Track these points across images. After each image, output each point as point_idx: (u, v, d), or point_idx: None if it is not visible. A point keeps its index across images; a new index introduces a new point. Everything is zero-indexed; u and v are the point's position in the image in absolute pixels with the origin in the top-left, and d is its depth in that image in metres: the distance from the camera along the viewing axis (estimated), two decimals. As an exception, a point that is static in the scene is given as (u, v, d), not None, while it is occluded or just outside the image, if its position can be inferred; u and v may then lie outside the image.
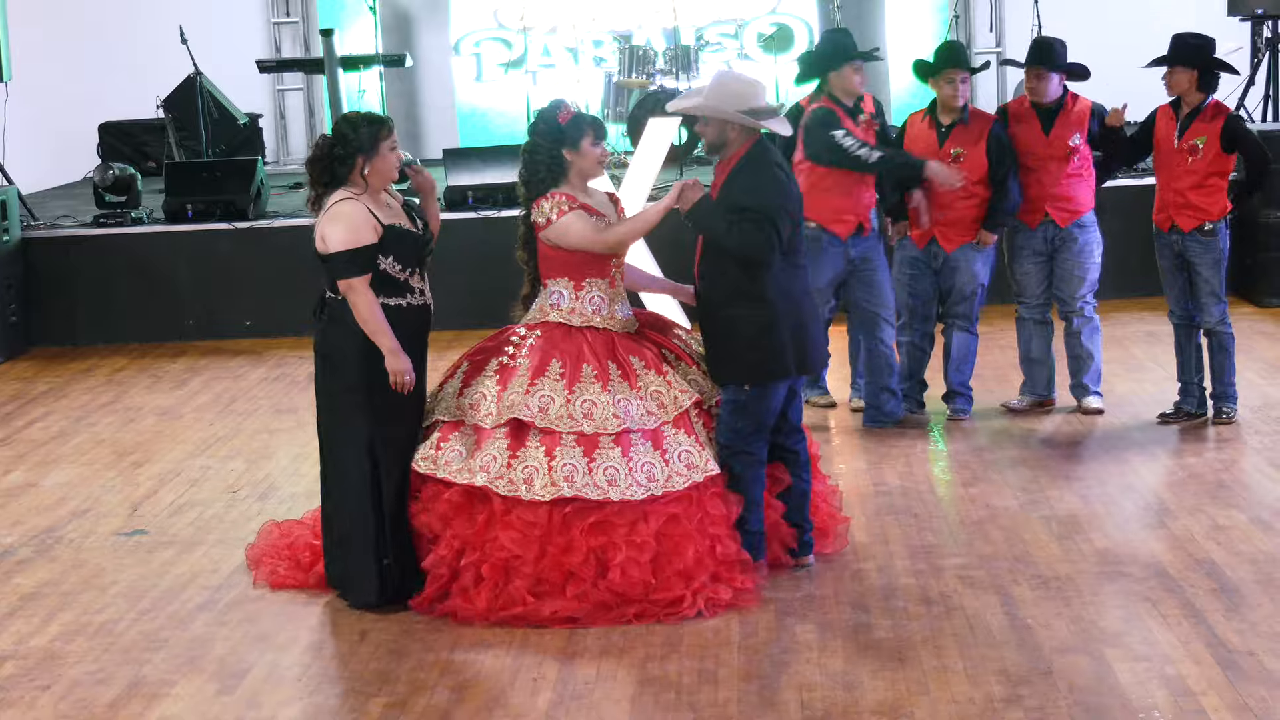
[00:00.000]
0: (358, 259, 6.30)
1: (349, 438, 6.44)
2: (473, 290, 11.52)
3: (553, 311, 6.53)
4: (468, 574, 6.31)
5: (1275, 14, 12.68)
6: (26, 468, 8.96)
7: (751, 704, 5.51)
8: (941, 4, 15.98)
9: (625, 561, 6.22)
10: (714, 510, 6.40)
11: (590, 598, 6.22)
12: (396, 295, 6.42)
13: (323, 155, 6.40)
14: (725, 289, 6.51)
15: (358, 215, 6.33)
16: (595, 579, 6.22)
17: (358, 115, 6.51)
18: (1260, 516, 7.14)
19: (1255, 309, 11.46)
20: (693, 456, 6.37)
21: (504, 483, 6.27)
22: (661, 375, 6.47)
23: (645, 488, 6.26)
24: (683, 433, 6.41)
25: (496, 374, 6.46)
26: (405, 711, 5.60)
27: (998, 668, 5.69)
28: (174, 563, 7.24)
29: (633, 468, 6.28)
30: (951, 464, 8.20)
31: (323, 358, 6.52)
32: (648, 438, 6.35)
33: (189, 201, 12.43)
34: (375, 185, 6.43)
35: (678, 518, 6.30)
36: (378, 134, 6.39)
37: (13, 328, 11.97)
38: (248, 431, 9.48)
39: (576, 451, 6.27)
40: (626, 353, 6.49)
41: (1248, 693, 5.39)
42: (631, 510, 6.26)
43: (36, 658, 6.20)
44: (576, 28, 15.36)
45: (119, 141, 15.79)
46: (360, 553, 6.45)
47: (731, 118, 6.49)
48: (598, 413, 6.32)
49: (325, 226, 6.35)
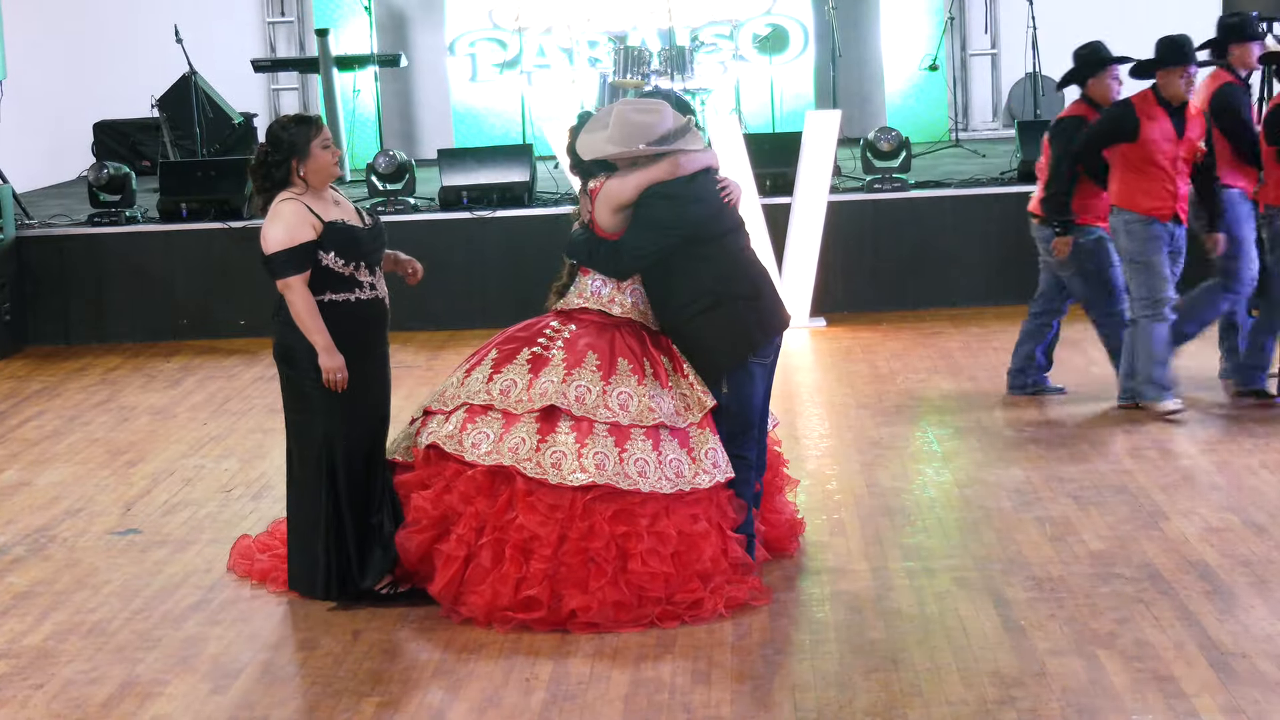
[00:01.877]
0: (294, 258, 6.37)
1: (305, 433, 6.53)
2: (470, 290, 11.54)
3: (592, 299, 6.53)
4: (486, 552, 6.25)
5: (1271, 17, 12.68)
6: (20, 467, 8.95)
7: (745, 705, 5.51)
8: (936, 5, 15.99)
9: (647, 551, 6.19)
10: (729, 513, 6.42)
11: (610, 594, 6.16)
12: (344, 290, 6.46)
13: (260, 162, 6.51)
14: (658, 303, 6.54)
15: (295, 214, 6.41)
16: (616, 570, 6.19)
17: (287, 118, 6.58)
18: (1254, 519, 7.15)
19: (1249, 311, 11.46)
20: (717, 456, 6.39)
21: (531, 465, 6.24)
22: (686, 377, 6.49)
23: (673, 483, 6.27)
24: (708, 432, 6.42)
25: (529, 363, 6.43)
26: (398, 711, 5.60)
27: (991, 669, 5.69)
28: (167, 562, 7.23)
29: (662, 462, 6.29)
30: (945, 465, 8.20)
31: (280, 358, 6.60)
32: (676, 436, 6.36)
33: (183, 201, 12.43)
34: (315, 184, 6.49)
35: (698, 516, 6.31)
36: (308, 134, 6.45)
37: (6, 326, 11.97)
38: (241, 431, 9.48)
39: (609, 441, 6.26)
40: (658, 351, 6.52)
41: (1241, 695, 5.39)
42: (655, 503, 6.25)
43: (29, 657, 6.20)
44: (571, 28, 15.35)
45: (114, 140, 15.79)
46: (309, 545, 6.52)
47: (640, 153, 6.44)
48: (633, 405, 6.32)
49: (265, 227, 6.45)
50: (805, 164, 11.66)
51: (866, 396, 9.60)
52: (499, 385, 6.42)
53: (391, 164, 12.66)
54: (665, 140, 6.45)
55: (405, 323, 11.40)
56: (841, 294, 12.07)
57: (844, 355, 10.76)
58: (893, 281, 12.11)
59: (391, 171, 12.64)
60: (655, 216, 6.41)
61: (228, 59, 15.58)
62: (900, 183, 12.21)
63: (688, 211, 6.44)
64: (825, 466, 8.22)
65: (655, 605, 6.21)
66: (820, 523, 7.32)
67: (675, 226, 6.41)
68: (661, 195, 6.42)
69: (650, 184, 6.42)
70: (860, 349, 10.91)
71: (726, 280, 6.47)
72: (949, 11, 15.78)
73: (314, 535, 6.52)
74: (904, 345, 10.94)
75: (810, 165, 11.65)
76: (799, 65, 15.91)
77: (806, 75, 15.92)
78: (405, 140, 16.04)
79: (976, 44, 16.32)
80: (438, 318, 11.65)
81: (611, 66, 14.36)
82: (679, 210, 6.42)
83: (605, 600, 6.17)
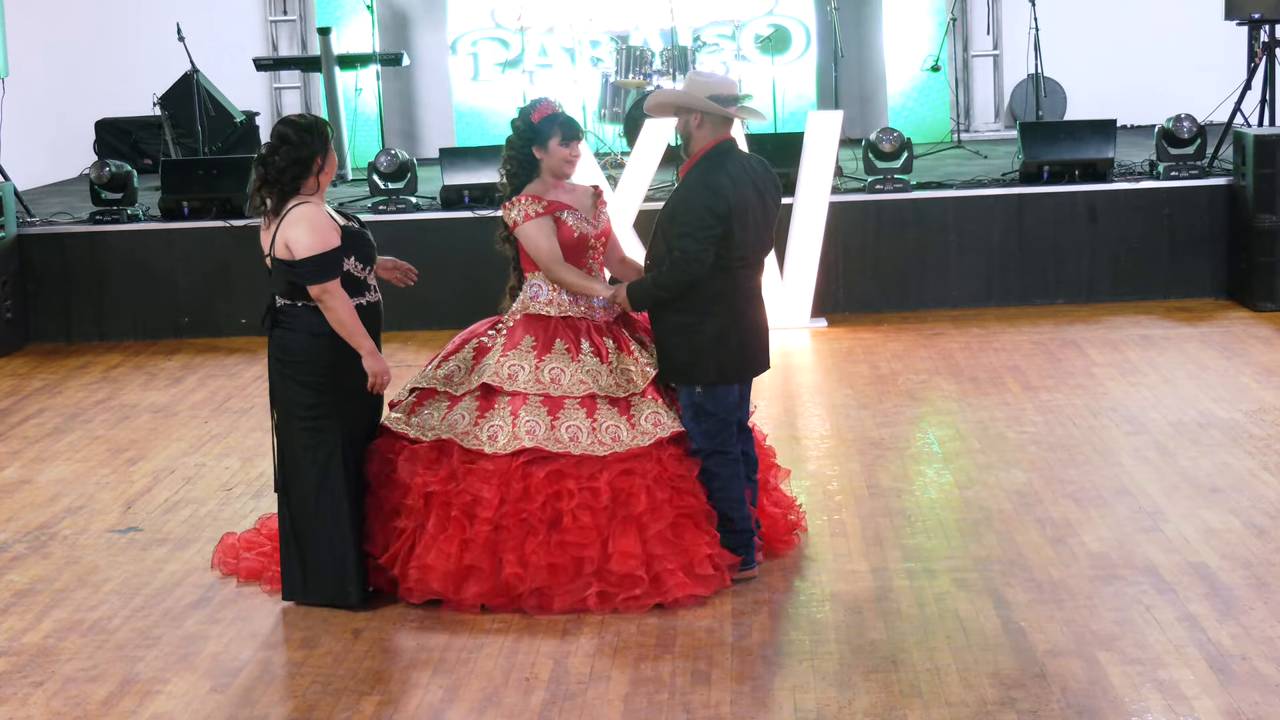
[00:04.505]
0: (327, 263, 6.30)
1: (320, 442, 6.43)
2: (468, 289, 11.52)
3: (532, 304, 6.70)
4: (432, 519, 6.42)
5: (1273, 18, 12.67)
6: (21, 464, 8.95)
7: (745, 705, 5.52)
8: (939, 6, 15.99)
9: (578, 507, 6.35)
10: (673, 468, 6.51)
11: (543, 556, 6.31)
12: (357, 294, 6.47)
13: (288, 164, 6.33)
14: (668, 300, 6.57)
15: (321, 219, 6.34)
16: (549, 531, 6.34)
17: (304, 117, 6.46)
18: (1254, 521, 7.15)
19: (1250, 313, 11.47)
20: (659, 416, 6.54)
21: (469, 438, 6.48)
22: (630, 354, 6.62)
23: (608, 447, 6.44)
24: (649, 398, 6.55)
25: (474, 351, 6.70)
26: (398, 710, 5.60)
27: (991, 670, 5.69)
28: (167, 560, 7.23)
29: (596, 428, 6.46)
30: (945, 466, 8.20)
31: (281, 365, 6.46)
32: (614, 405, 6.52)
33: (185, 199, 12.42)
34: (324, 185, 6.46)
35: (632, 470, 6.43)
36: (326, 135, 6.42)
37: (8, 324, 11.97)
38: (242, 429, 9.48)
39: (541, 411, 6.46)
40: (599, 334, 6.66)
41: (1240, 697, 5.39)
42: (590, 465, 6.43)
43: (29, 654, 6.20)
44: (574, 28, 15.35)
45: (115, 138, 15.78)
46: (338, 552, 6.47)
47: (698, 104, 6.49)
48: (565, 379, 6.52)
49: (289, 232, 6.29)
50: (807, 164, 11.65)
51: (867, 397, 9.60)
52: (444, 371, 6.69)
53: (393, 163, 12.65)
54: (724, 101, 6.52)
55: (405, 322, 11.44)
56: (842, 294, 12.07)
57: (845, 356, 10.76)
58: (894, 282, 12.11)
59: (393, 170, 12.64)
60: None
61: (230, 57, 15.58)
62: (902, 183, 12.20)
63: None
64: (826, 467, 8.22)
65: (594, 577, 6.32)
66: (821, 523, 7.33)
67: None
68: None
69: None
70: (861, 349, 10.91)
71: (736, 307, 6.56)
72: (951, 12, 15.76)
73: (342, 540, 6.46)
74: (905, 346, 10.94)
75: (812, 166, 11.65)
76: (801, 66, 15.90)
77: (808, 76, 15.92)
78: (407, 139, 16.04)
79: (979, 45, 16.31)
80: (438, 317, 11.66)
81: (614, 66, 14.37)
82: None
83: (539, 563, 6.32)
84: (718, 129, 6.53)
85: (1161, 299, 11.96)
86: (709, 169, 6.46)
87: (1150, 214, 12.03)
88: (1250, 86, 12.91)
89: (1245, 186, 11.60)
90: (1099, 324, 11.30)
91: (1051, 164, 12.19)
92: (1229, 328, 11.04)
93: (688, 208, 6.41)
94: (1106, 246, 12.07)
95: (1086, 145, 12.21)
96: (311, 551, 6.51)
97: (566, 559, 6.34)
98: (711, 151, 6.50)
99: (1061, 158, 12.20)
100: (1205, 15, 14.16)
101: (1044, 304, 11.99)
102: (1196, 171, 12.08)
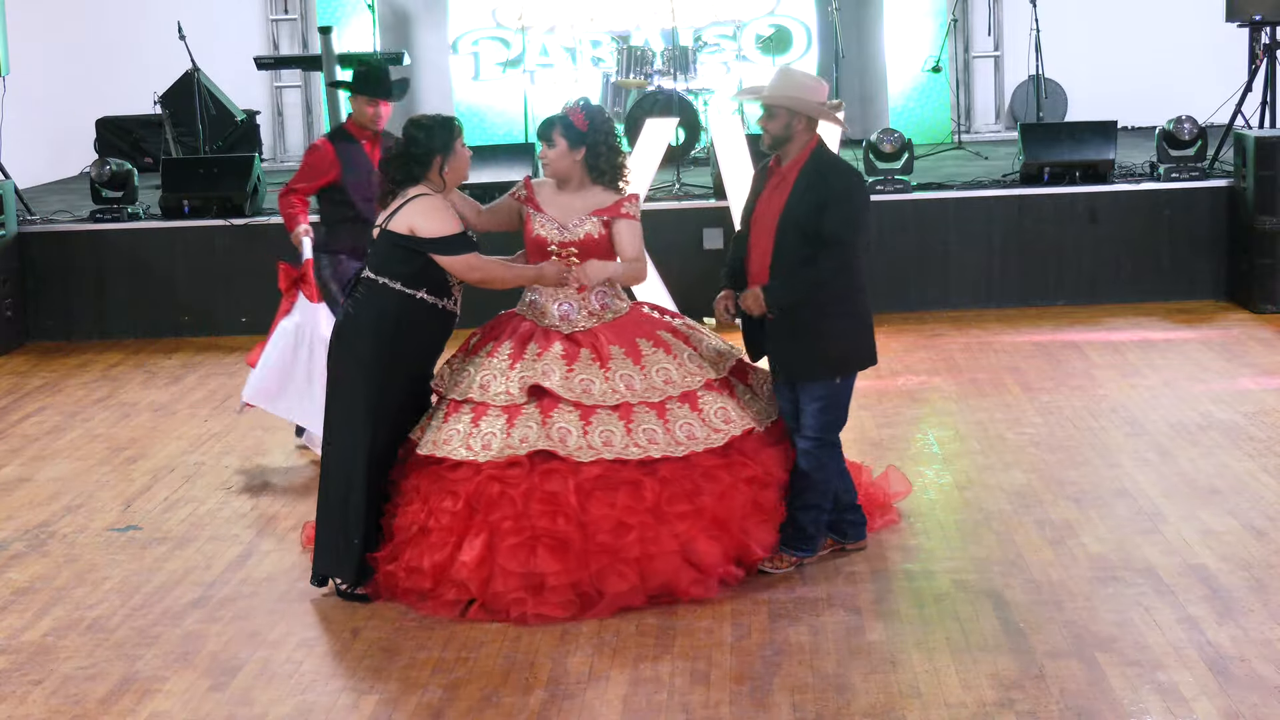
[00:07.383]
0: (462, 239, 6.50)
1: (348, 419, 6.51)
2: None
3: (529, 309, 6.80)
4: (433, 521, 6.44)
5: (1273, 20, 12.68)
6: (20, 462, 8.95)
7: (743, 706, 5.52)
8: (940, 7, 15.99)
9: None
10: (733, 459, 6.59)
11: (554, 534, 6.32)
12: (444, 297, 6.60)
13: (401, 154, 6.54)
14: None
15: (446, 207, 6.55)
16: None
17: (428, 118, 6.61)
18: (1253, 522, 7.15)
19: (1250, 315, 11.47)
20: (693, 429, 6.52)
21: (572, 448, 6.42)
22: (672, 355, 6.66)
23: (644, 449, 6.43)
24: (687, 407, 6.56)
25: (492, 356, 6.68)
26: (397, 709, 5.60)
27: (990, 671, 5.69)
28: (167, 559, 7.24)
29: (631, 430, 6.44)
30: (945, 467, 8.20)
31: (338, 338, 6.60)
32: (652, 409, 6.53)
33: (185, 197, 12.42)
34: (451, 183, 6.62)
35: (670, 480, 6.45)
36: (452, 131, 6.57)
37: (8, 322, 11.97)
38: (242, 428, 9.47)
39: (573, 415, 6.45)
40: (634, 334, 6.70)
41: (1240, 699, 5.39)
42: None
43: (28, 653, 6.20)
44: (575, 27, 15.35)
45: (116, 137, 15.78)
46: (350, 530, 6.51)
47: (813, 110, 6.61)
48: (596, 387, 6.50)
49: (414, 219, 6.47)
50: (807, 165, 11.63)
51: (867, 398, 9.59)
52: (476, 379, 6.61)
53: (394, 162, 12.65)
54: (822, 109, 6.69)
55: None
56: (843, 295, 12.05)
57: (845, 356, 10.74)
58: (894, 283, 12.10)
59: (394, 170, 12.63)
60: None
61: (231, 56, 15.57)
62: (903, 184, 12.20)
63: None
64: (825, 467, 8.22)
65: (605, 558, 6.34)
66: (820, 524, 7.32)
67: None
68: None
69: None
70: (861, 350, 10.88)
71: (865, 291, 6.71)
72: (952, 13, 15.76)
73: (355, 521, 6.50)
74: (905, 346, 10.93)
75: (812, 166, 11.62)
76: (802, 66, 15.89)
77: (809, 76, 15.90)
78: (407, 138, 16.02)
79: (980, 46, 16.31)
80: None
81: (614, 66, 14.37)
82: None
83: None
84: (813, 130, 6.70)
85: (1162, 301, 11.96)
86: (835, 161, 6.70)
87: (1151, 216, 12.03)
88: (1251, 88, 12.92)
89: (1246, 188, 11.60)
90: (1099, 325, 11.30)
91: (1052, 165, 12.19)
92: (1229, 330, 11.04)
93: (843, 197, 6.53)
94: (1107, 248, 12.07)
95: (1087, 146, 12.21)
96: (326, 523, 6.59)
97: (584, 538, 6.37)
98: (819, 149, 6.68)
99: (1062, 159, 12.20)
100: (1206, 17, 14.15)
101: (1044, 305, 11.99)
102: (1197, 173, 12.09)
